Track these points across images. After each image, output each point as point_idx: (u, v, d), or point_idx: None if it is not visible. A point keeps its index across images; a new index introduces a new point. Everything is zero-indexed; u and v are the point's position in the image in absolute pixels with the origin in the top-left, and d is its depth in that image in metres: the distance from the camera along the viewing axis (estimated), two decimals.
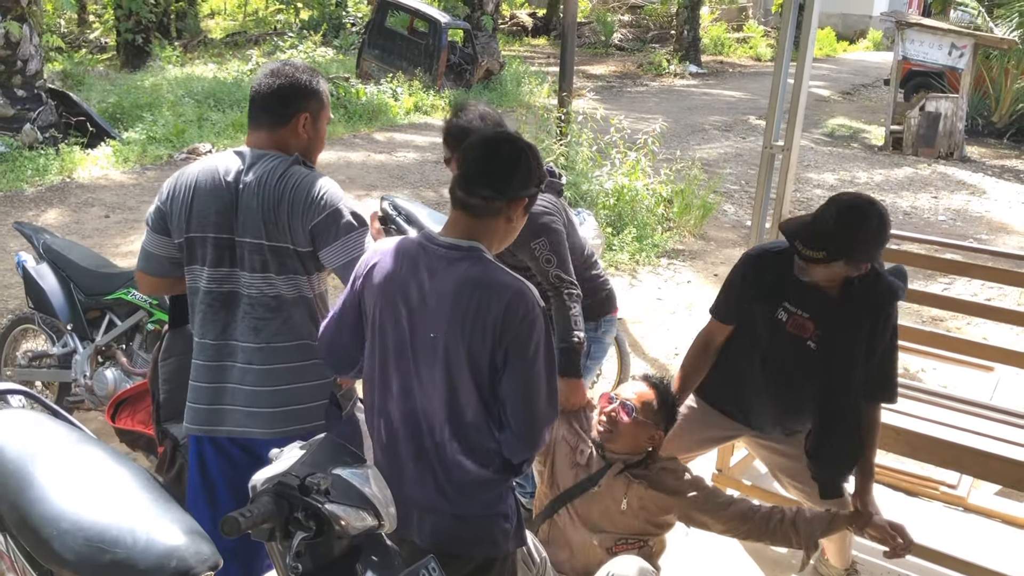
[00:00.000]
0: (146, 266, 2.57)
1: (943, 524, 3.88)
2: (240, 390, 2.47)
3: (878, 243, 2.73)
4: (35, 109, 9.47)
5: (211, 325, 2.48)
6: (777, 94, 4.12)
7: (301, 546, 1.73)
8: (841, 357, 2.85)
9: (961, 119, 12.50)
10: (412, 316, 2.18)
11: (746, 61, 23.34)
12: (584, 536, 2.84)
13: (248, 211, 2.39)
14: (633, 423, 2.79)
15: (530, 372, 2.14)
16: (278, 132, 2.45)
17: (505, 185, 2.17)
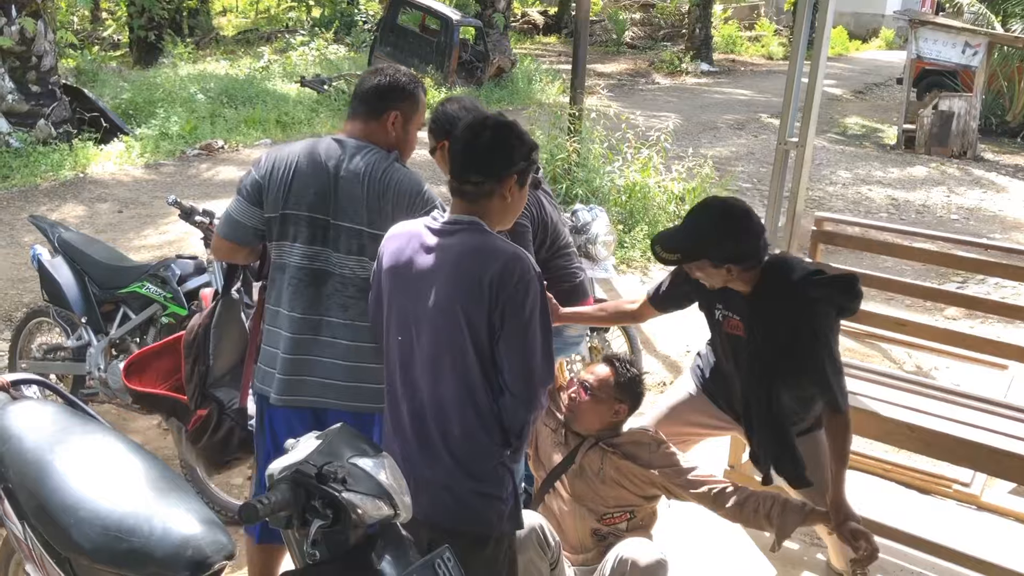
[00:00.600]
0: (230, 232, 2.69)
1: (957, 522, 3.87)
2: (323, 362, 2.61)
3: (731, 239, 2.73)
4: (49, 105, 9.53)
5: (300, 299, 2.60)
6: (791, 91, 4.13)
7: (318, 534, 1.74)
8: (768, 355, 2.88)
9: (975, 118, 12.44)
10: (415, 287, 2.29)
11: (758, 60, 23.25)
12: (573, 511, 2.95)
13: (350, 197, 2.54)
14: (592, 400, 2.96)
15: (526, 333, 2.24)
16: (370, 124, 2.62)
17: (491, 167, 2.29)
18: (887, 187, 10.64)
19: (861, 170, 11.47)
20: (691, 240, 2.75)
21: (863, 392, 3.65)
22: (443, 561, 1.86)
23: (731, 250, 2.74)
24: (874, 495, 4.02)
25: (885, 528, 3.58)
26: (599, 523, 2.95)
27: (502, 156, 2.29)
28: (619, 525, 2.95)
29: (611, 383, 2.98)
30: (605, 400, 2.97)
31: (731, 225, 2.75)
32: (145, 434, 4.49)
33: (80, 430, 2.37)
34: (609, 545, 2.87)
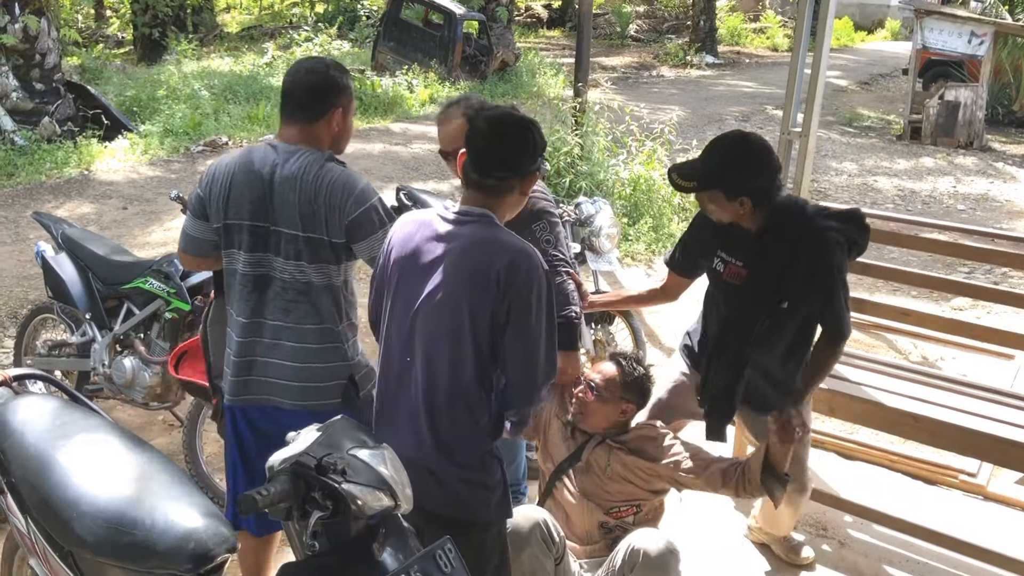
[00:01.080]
0: (188, 247, 2.76)
1: (962, 512, 3.86)
2: (269, 363, 2.63)
3: (749, 171, 2.78)
4: (53, 102, 9.54)
5: (245, 304, 2.64)
6: (794, 81, 4.11)
7: (318, 525, 1.74)
8: (765, 294, 2.90)
9: (981, 108, 12.38)
10: (421, 275, 2.31)
11: (763, 51, 23.16)
12: (580, 505, 2.95)
13: (285, 203, 2.54)
14: (599, 401, 2.94)
15: (531, 328, 2.26)
16: (312, 126, 2.59)
17: (518, 164, 2.33)
18: (893, 178, 10.60)
19: (867, 161, 11.43)
20: (708, 168, 2.78)
21: (868, 382, 3.65)
22: (444, 552, 1.85)
23: (747, 182, 2.78)
24: (880, 486, 4.02)
25: (891, 518, 3.58)
26: (606, 516, 2.95)
27: (527, 154, 2.33)
28: (626, 519, 2.95)
29: (617, 382, 2.96)
30: (611, 400, 2.96)
31: (750, 157, 2.80)
32: (150, 430, 4.50)
33: (82, 424, 2.37)
34: (616, 538, 2.87)
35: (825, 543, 3.67)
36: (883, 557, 3.58)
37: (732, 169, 2.78)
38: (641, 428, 3.03)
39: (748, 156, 2.79)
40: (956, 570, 3.49)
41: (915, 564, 3.54)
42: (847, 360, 3.87)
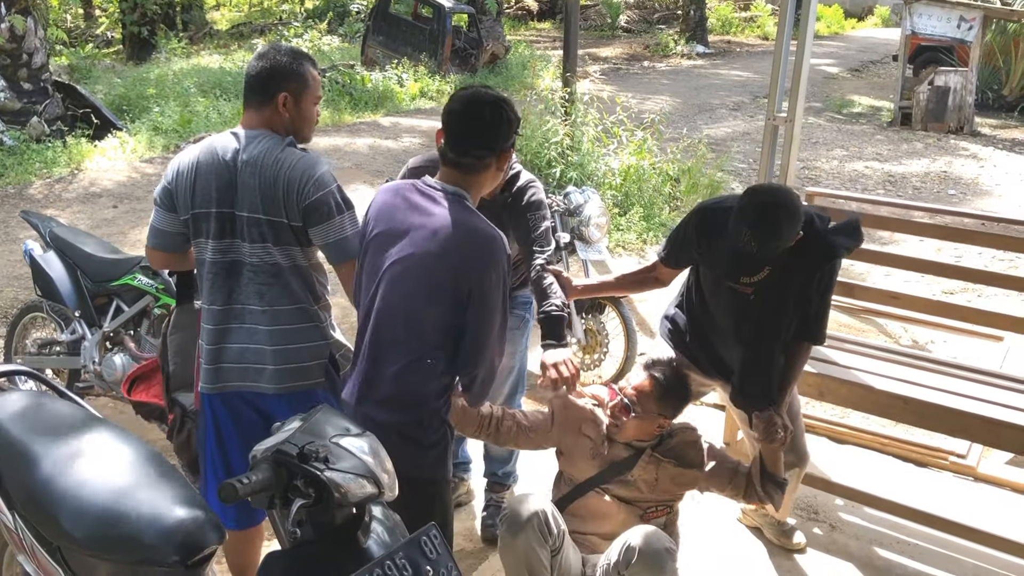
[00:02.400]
0: (157, 242, 2.75)
1: (953, 494, 3.88)
2: (248, 349, 2.64)
3: (797, 223, 2.73)
4: (41, 102, 9.49)
5: (218, 292, 2.64)
6: (779, 67, 4.11)
7: (302, 514, 1.74)
8: (772, 309, 2.93)
9: (971, 93, 12.38)
10: (392, 242, 2.40)
11: (754, 40, 23.15)
12: (617, 510, 2.89)
13: (246, 188, 2.55)
14: (635, 419, 2.85)
15: (489, 308, 2.36)
16: (263, 112, 2.61)
17: (494, 142, 2.41)
18: (883, 164, 10.60)
19: (857, 147, 11.44)
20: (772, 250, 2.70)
21: (858, 366, 3.65)
22: (429, 539, 1.86)
23: (797, 228, 2.76)
24: (871, 469, 4.04)
25: (881, 500, 3.59)
26: (640, 520, 2.88)
27: (502, 131, 2.41)
28: (659, 519, 2.91)
29: (654, 396, 2.86)
30: (648, 415, 2.86)
31: (795, 213, 2.72)
32: (143, 427, 4.49)
33: (68, 419, 2.37)
34: None
35: (816, 526, 3.68)
36: (874, 539, 3.60)
37: (787, 236, 2.73)
38: (683, 434, 2.96)
39: (789, 216, 2.71)
40: (947, 551, 3.50)
41: (906, 546, 3.55)
42: (837, 344, 3.88)
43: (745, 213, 2.71)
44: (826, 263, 2.90)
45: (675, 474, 2.89)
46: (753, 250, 2.67)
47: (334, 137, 10.66)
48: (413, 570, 1.80)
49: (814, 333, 3.01)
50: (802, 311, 2.94)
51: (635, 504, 2.90)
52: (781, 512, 3.49)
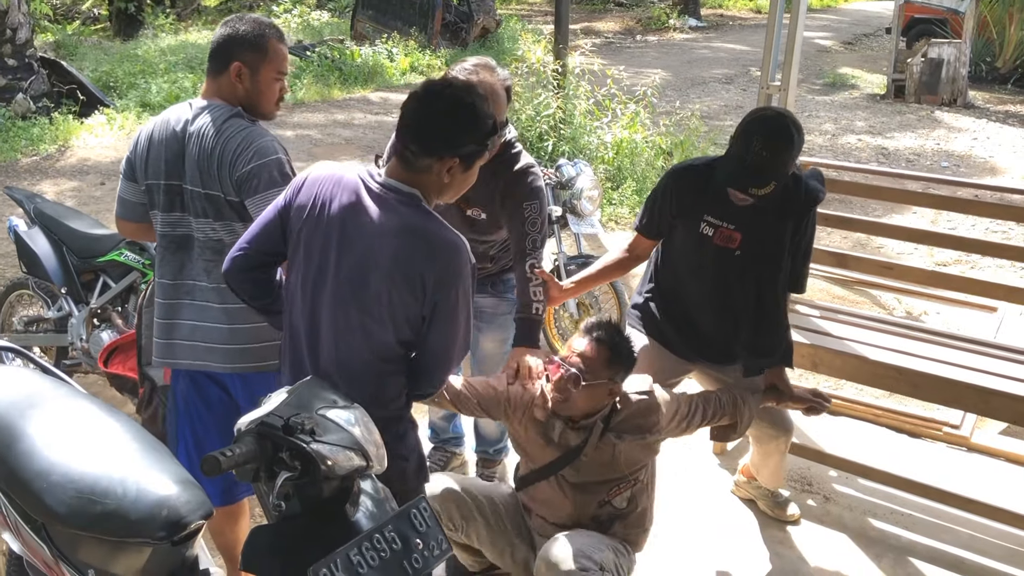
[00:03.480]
0: (123, 212, 2.71)
1: (947, 464, 3.87)
2: (200, 326, 2.58)
3: (800, 144, 2.79)
4: (27, 79, 9.38)
5: (168, 266, 2.60)
6: (772, 36, 4.06)
7: (288, 487, 1.70)
8: (767, 261, 2.96)
9: (964, 65, 12.31)
10: (341, 248, 2.16)
11: (747, 13, 23.00)
12: (570, 497, 2.78)
13: (190, 159, 2.49)
14: (586, 388, 2.63)
15: (453, 324, 2.20)
16: (217, 81, 2.54)
17: (433, 144, 2.12)
18: (876, 136, 10.56)
19: (850, 120, 11.39)
20: (783, 163, 2.73)
21: (852, 337, 3.63)
22: (419, 511, 1.83)
23: (797, 152, 2.79)
24: (865, 440, 4.03)
25: (875, 471, 3.59)
26: (599, 509, 2.78)
27: (449, 137, 2.12)
28: (623, 495, 2.78)
29: (601, 362, 2.64)
30: (599, 383, 2.65)
31: (801, 132, 2.78)
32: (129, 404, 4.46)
33: (52, 394, 2.32)
34: (603, 523, 2.78)
35: (810, 498, 3.68)
36: (868, 510, 3.59)
37: (796, 156, 2.76)
38: (633, 402, 2.77)
39: (800, 136, 2.76)
40: (941, 520, 3.50)
41: (900, 516, 3.55)
42: (831, 315, 3.87)
43: (758, 124, 2.78)
44: (810, 207, 2.96)
45: (634, 447, 2.74)
46: (765, 158, 2.69)
47: (324, 113, 10.57)
48: (402, 543, 1.77)
49: (798, 282, 3.09)
50: (792, 260, 3.00)
51: (593, 488, 2.75)
52: (772, 482, 3.49)
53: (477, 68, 2.87)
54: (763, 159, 2.69)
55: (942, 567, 3.27)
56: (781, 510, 3.51)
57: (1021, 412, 3.22)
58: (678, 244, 3.11)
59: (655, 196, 3.10)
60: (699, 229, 2.98)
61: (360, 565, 1.69)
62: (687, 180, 3.02)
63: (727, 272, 2.99)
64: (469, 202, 3.02)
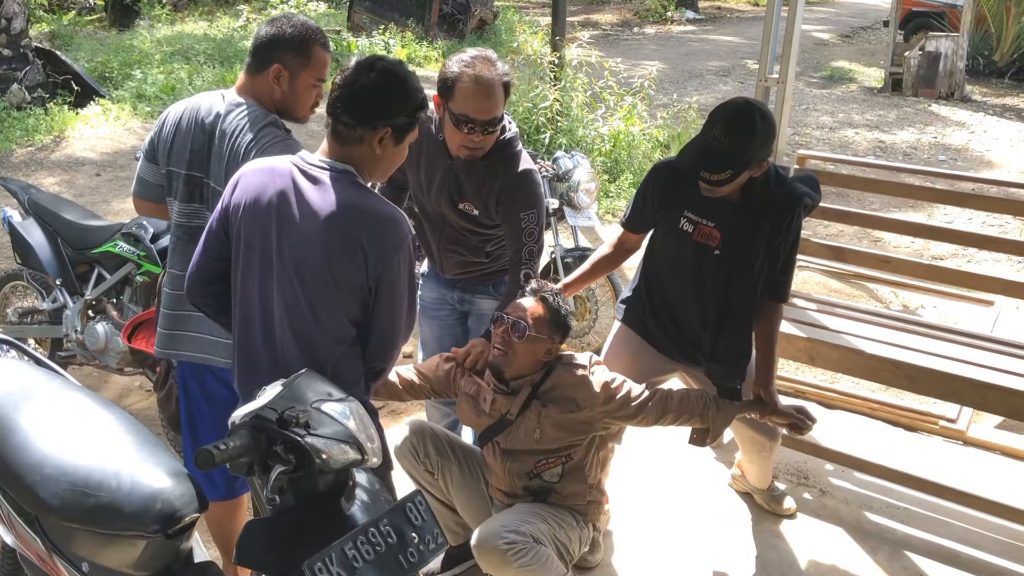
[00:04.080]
0: (140, 191, 2.70)
1: (943, 458, 3.87)
2: (202, 319, 2.53)
3: (769, 139, 2.74)
4: (22, 69, 9.32)
5: (181, 257, 2.56)
6: (770, 29, 4.05)
7: (283, 480, 1.70)
8: (740, 260, 2.89)
9: (962, 58, 12.29)
10: (281, 231, 2.16)
11: (744, 7, 22.94)
12: (502, 464, 2.88)
13: (217, 158, 2.46)
14: (527, 341, 2.74)
15: (398, 295, 2.20)
16: (255, 78, 2.50)
17: (364, 112, 2.13)
18: (874, 130, 10.55)
19: (847, 113, 11.37)
20: (742, 152, 2.66)
21: (849, 330, 3.63)
22: (415, 505, 1.82)
23: (769, 146, 2.74)
24: (861, 434, 4.03)
25: (871, 465, 3.59)
26: (530, 480, 2.86)
27: (379, 104, 2.14)
28: (554, 471, 2.85)
29: (545, 320, 2.78)
30: (539, 340, 2.76)
31: (768, 128, 2.72)
32: (127, 396, 4.45)
33: (45, 386, 2.31)
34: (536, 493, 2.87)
35: (806, 491, 3.67)
36: (864, 504, 3.59)
37: (759, 142, 2.68)
38: (563, 372, 2.83)
39: (765, 122, 2.70)
40: (937, 514, 3.50)
41: (896, 510, 3.55)
42: (827, 309, 3.86)
43: (722, 110, 2.74)
44: (792, 210, 2.86)
45: (559, 421, 2.78)
46: (723, 144, 2.64)
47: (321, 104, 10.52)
48: (398, 537, 1.76)
49: (779, 289, 2.98)
50: (770, 264, 2.90)
51: (521, 457, 2.84)
52: (760, 482, 3.50)
53: (475, 61, 2.78)
54: (720, 144, 2.65)
55: (938, 561, 3.26)
56: (777, 504, 3.51)
57: (1017, 406, 3.22)
58: (660, 239, 3.09)
59: (640, 191, 3.08)
60: (679, 225, 2.95)
61: (355, 559, 1.68)
62: (667, 174, 2.99)
63: (705, 271, 2.95)
64: (462, 196, 2.98)
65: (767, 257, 2.89)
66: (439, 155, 2.95)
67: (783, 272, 2.96)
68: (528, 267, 2.98)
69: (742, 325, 2.97)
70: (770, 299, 2.99)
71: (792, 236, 2.92)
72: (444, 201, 2.99)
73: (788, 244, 2.91)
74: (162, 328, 2.63)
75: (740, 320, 2.96)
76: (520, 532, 2.65)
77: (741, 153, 2.66)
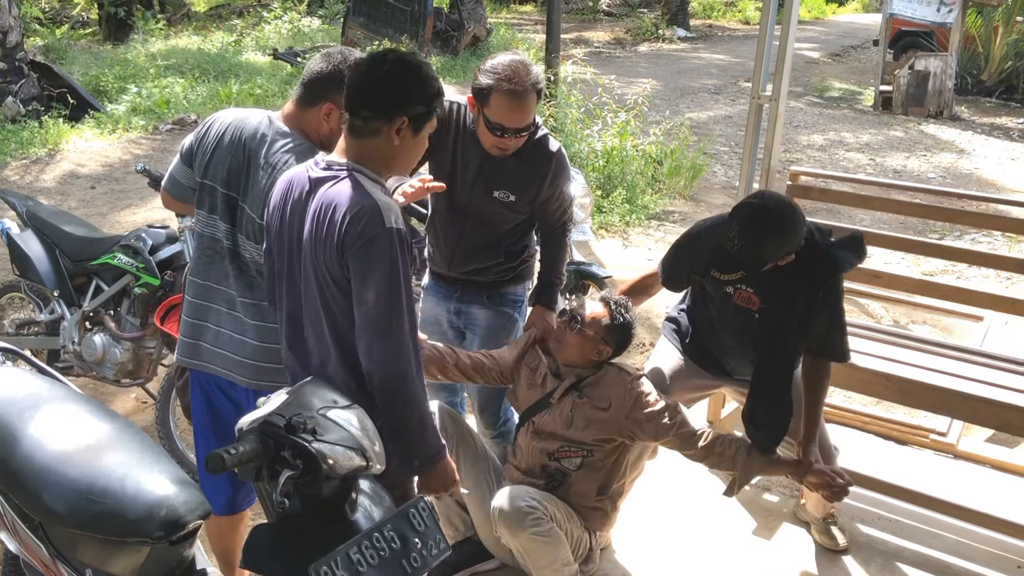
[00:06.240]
0: (171, 188, 2.70)
1: (934, 471, 3.91)
2: (233, 337, 2.53)
3: (790, 239, 2.73)
4: (17, 82, 9.36)
5: (210, 271, 2.55)
6: (763, 46, 4.10)
7: (289, 485, 1.72)
8: (775, 327, 2.91)
9: (951, 77, 12.44)
10: (300, 238, 2.18)
11: (735, 25, 23.15)
12: (530, 440, 3.01)
13: (256, 185, 2.43)
14: (579, 335, 2.95)
15: (366, 292, 2.07)
16: (304, 112, 2.46)
17: (383, 103, 2.12)
18: (864, 148, 10.66)
19: (838, 132, 11.48)
20: (754, 258, 2.71)
21: None
22: (418, 511, 1.85)
23: (791, 245, 2.75)
24: (853, 447, 4.06)
25: (863, 477, 3.62)
26: (549, 461, 2.98)
27: (397, 93, 2.12)
28: (573, 460, 2.97)
29: (602, 324, 2.97)
30: (591, 339, 2.96)
31: (788, 227, 2.71)
32: (122, 407, 4.46)
33: (50, 395, 2.33)
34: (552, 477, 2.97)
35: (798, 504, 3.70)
36: (856, 516, 3.63)
37: (774, 248, 2.71)
38: (610, 376, 2.98)
39: (784, 230, 2.70)
40: (928, 526, 3.54)
41: (887, 522, 3.58)
42: None
43: (742, 211, 2.73)
44: (827, 279, 2.88)
45: (590, 416, 2.91)
46: (733, 249, 2.67)
47: None
48: (401, 542, 1.79)
49: (834, 350, 2.99)
50: (808, 331, 2.90)
51: (549, 438, 2.96)
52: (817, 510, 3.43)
53: (509, 70, 2.82)
54: (734, 247, 2.69)
55: (929, 572, 3.30)
56: (827, 537, 3.42)
57: (1007, 419, 3.26)
58: (702, 293, 3.17)
59: (671, 252, 3.17)
60: (723, 288, 3.03)
61: (360, 563, 1.71)
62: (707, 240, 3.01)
63: (747, 332, 3.02)
64: (500, 183, 3.04)
65: (806, 325, 2.89)
66: (475, 145, 3.02)
67: (830, 335, 2.96)
68: (568, 230, 3.25)
69: (780, 390, 2.94)
70: (824, 360, 3.00)
71: (829, 302, 2.91)
72: (480, 188, 3.06)
73: (828, 308, 2.91)
74: (184, 337, 2.62)
75: (778, 385, 2.94)
76: (542, 504, 2.79)
77: (755, 258, 2.71)
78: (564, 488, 2.97)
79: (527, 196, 3.08)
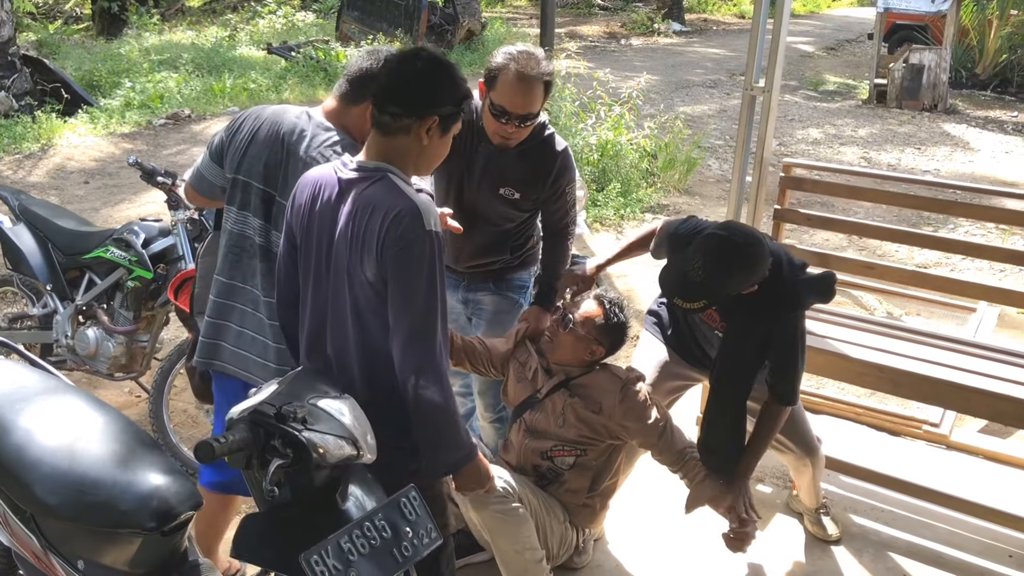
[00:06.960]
0: (198, 184, 2.69)
1: (926, 461, 3.92)
2: (255, 339, 2.53)
3: (753, 272, 2.69)
4: (9, 76, 9.32)
5: (235, 269, 2.54)
6: (756, 38, 4.09)
7: (280, 475, 1.72)
8: (733, 350, 2.89)
9: (945, 71, 12.45)
10: (329, 238, 2.17)
11: (730, 19, 23.16)
12: (523, 438, 3.00)
13: (294, 182, 2.39)
14: (571, 335, 2.93)
15: (406, 294, 2.07)
16: (348, 108, 2.47)
17: (413, 101, 2.10)
18: (859, 140, 10.66)
19: (833, 125, 11.48)
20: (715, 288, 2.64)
21: (833, 335, 3.68)
22: (409, 500, 1.85)
23: (754, 277, 2.70)
24: (846, 438, 4.08)
25: (856, 468, 3.64)
26: (542, 459, 2.98)
27: (428, 92, 2.11)
28: (566, 459, 2.96)
29: (595, 323, 2.94)
30: (584, 339, 2.93)
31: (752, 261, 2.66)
32: (116, 401, 4.45)
33: (41, 387, 2.33)
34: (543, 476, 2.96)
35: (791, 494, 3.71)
36: (849, 506, 3.64)
37: (738, 282, 2.67)
38: (602, 378, 2.95)
39: (748, 264, 2.65)
40: (921, 517, 3.55)
41: (880, 512, 3.59)
42: (812, 314, 3.90)
43: (708, 242, 2.67)
44: (786, 312, 2.82)
45: (582, 415, 2.91)
46: (696, 279, 2.62)
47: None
48: (392, 531, 1.80)
49: (779, 391, 2.89)
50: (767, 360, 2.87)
51: (541, 436, 2.95)
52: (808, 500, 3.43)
53: (521, 56, 2.83)
54: (698, 276, 2.62)
55: (922, 562, 3.31)
56: (819, 528, 3.43)
57: (999, 409, 3.27)
58: None
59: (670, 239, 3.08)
60: None
61: (351, 552, 1.71)
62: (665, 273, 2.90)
63: (712, 342, 3.03)
64: (505, 181, 3.05)
65: (758, 354, 2.85)
66: (480, 142, 3.03)
67: (780, 372, 2.88)
68: (571, 233, 3.26)
69: (733, 416, 2.91)
70: (773, 400, 2.92)
71: (785, 336, 2.84)
72: (486, 186, 3.07)
73: (783, 344, 2.84)
74: (204, 337, 2.61)
75: (732, 411, 2.91)
76: (512, 486, 2.75)
77: (717, 288, 2.64)
78: (556, 486, 2.98)
79: (531, 194, 3.10)
